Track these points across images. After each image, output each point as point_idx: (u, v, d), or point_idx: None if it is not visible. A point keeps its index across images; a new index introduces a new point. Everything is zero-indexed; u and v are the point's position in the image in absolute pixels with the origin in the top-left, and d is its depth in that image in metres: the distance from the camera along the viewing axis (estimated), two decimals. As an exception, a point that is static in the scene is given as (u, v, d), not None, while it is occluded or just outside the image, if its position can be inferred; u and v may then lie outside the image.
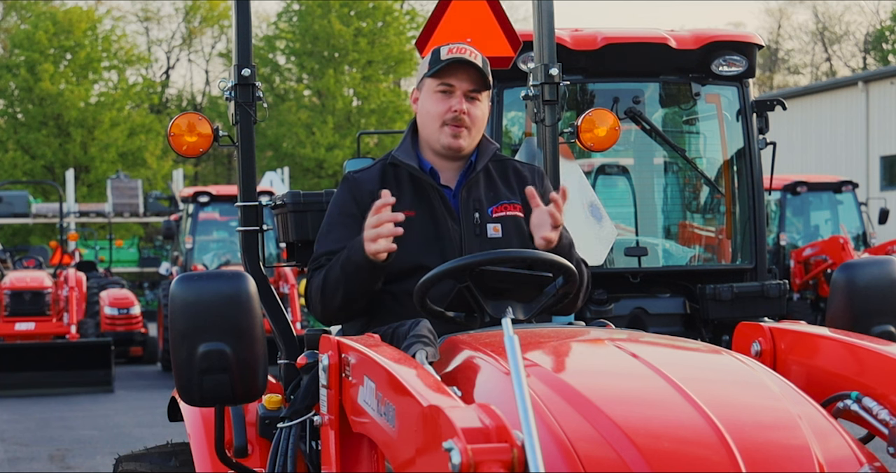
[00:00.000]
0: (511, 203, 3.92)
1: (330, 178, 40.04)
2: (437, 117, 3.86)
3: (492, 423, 2.38)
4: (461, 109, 3.83)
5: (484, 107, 3.91)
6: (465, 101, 3.85)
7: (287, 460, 3.71)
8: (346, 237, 3.81)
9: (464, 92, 3.85)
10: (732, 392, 3.01)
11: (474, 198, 3.90)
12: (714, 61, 8.55)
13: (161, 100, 48.85)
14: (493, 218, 3.89)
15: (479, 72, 3.85)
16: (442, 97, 3.86)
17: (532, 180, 3.99)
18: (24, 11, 44.23)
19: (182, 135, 4.25)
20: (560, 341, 3.40)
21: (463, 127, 3.85)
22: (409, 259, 3.77)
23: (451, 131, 3.85)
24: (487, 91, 3.92)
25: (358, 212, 3.82)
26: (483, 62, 3.89)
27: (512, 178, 3.99)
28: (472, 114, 3.86)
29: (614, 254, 8.54)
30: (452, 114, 3.84)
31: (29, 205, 31.79)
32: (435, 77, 3.86)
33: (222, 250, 18.66)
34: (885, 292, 3.72)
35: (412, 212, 3.82)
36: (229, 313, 3.41)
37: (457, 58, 3.83)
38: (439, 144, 3.88)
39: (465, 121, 3.85)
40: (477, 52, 3.89)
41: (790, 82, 55.99)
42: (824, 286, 17.50)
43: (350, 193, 3.89)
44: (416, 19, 42.46)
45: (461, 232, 3.85)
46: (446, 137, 3.86)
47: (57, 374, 15.19)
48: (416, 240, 3.80)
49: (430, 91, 3.88)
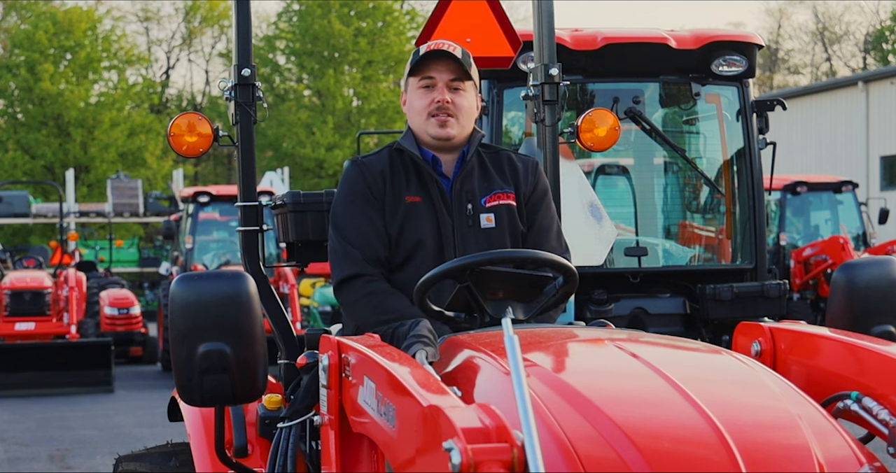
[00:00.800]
0: (504, 191, 3.97)
1: (330, 178, 40.03)
2: (422, 111, 3.92)
3: (492, 423, 2.38)
4: (444, 99, 3.88)
5: (469, 97, 3.94)
6: (447, 91, 3.89)
7: (287, 460, 3.71)
8: (369, 224, 3.85)
9: (445, 82, 3.89)
10: (732, 392, 3.01)
11: (467, 189, 3.95)
12: (714, 61, 8.55)
13: (161, 100, 48.84)
14: (486, 208, 3.93)
15: (458, 62, 3.88)
16: (425, 92, 3.92)
17: (525, 172, 4.03)
18: (24, 11, 44.22)
19: (182, 135, 4.26)
20: (560, 341, 3.40)
21: (449, 115, 3.89)
22: (413, 240, 3.86)
23: (438, 121, 3.90)
24: (471, 81, 3.94)
25: (372, 196, 3.89)
26: (463, 53, 3.91)
27: (506, 168, 4.03)
28: (457, 102, 3.90)
29: (614, 254, 8.53)
30: (436, 105, 3.89)
31: (29, 205, 31.78)
32: (416, 74, 3.92)
33: (222, 250, 18.66)
34: (885, 292, 3.72)
35: (418, 198, 3.90)
36: (229, 313, 3.41)
37: (434, 50, 3.88)
38: (428, 135, 3.93)
39: (450, 108, 3.89)
40: (456, 46, 3.93)
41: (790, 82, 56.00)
42: (824, 286, 17.50)
43: (361, 176, 3.93)
44: (416, 19, 42.46)
45: (453, 223, 3.89)
46: (433, 127, 3.91)
47: (57, 374, 15.18)
48: (420, 223, 3.88)
49: (414, 88, 3.95)
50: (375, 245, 3.86)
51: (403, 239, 3.87)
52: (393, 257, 3.89)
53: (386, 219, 3.89)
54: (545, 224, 4.02)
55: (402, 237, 3.87)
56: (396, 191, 3.91)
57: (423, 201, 3.90)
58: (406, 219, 3.87)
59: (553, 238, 4.01)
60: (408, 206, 3.88)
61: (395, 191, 3.91)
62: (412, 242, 3.86)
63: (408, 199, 3.89)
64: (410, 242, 3.87)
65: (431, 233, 3.87)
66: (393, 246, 3.89)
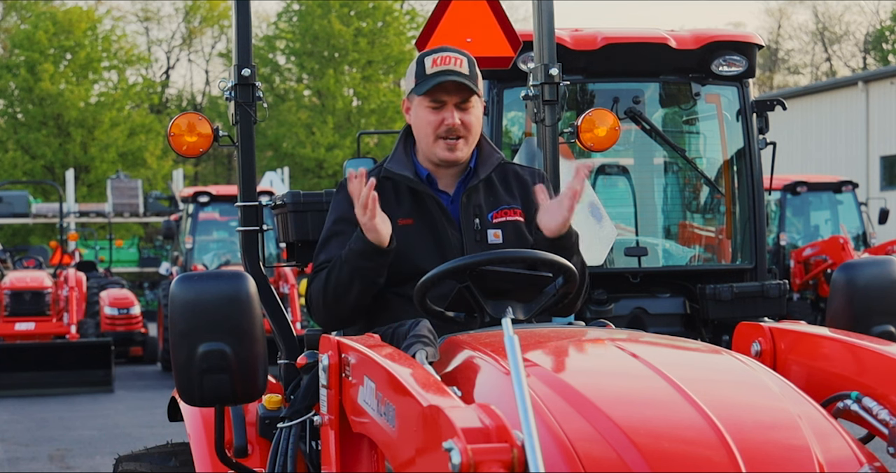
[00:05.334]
0: (511, 208, 3.92)
1: (330, 178, 40.04)
2: (430, 131, 3.84)
3: (492, 423, 2.38)
4: (454, 123, 3.81)
5: (477, 111, 3.88)
6: (457, 112, 3.82)
7: (287, 460, 3.71)
8: (346, 244, 3.79)
9: (455, 103, 3.83)
10: (732, 392, 3.01)
11: (474, 203, 3.89)
12: (714, 61, 8.55)
13: (161, 100, 48.85)
14: (493, 223, 3.89)
15: (468, 80, 3.80)
16: (433, 111, 3.84)
17: (533, 184, 3.96)
18: (24, 11, 44.21)
19: (182, 135, 4.25)
20: (560, 341, 3.40)
21: (459, 138, 3.84)
22: (409, 265, 3.78)
23: (447, 145, 3.84)
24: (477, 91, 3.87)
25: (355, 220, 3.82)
26: (469, 64, 3.84)
27: (512, 183, 3.98)
28: (466, 122, 3.84)
29: (614, 254, 8.54)
30: (446, 128, 3.82)
31: (29, 205, 31.78)
32: (423, 93, 3.83)
33: (222, 250, 18.66)
34: (885, 292, 3.72)
35: (410, 220, 3.84)
36: (229, 313, 3.41)
37: (443, 74, 3.79)
38: (436, 157, 3.87)
39: (460, 131, 3.83)
40: (462, 57, 3.85)
41: (790, 82, 56.00)
42: (824, 286, 17.50)
43: (348, 200, 3.86)
44: (416, 19, 42.46)
45: (462, 238, 3.85)
46: (442, 151, 3.85)
47: (57, 374, 15.19)
48: (416, 247, 3.81)
49: (421, 105, 3.86)
50: None
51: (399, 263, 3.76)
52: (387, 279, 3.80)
53: None
54: None
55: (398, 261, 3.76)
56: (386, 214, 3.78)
57: (416, 223, 3.84)
58: (398, 243, 3.75)
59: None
60: (399, 230, 3.78)
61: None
62: (410, 268, 3.77)
63: (399, 222, 3.81)
64: (408, 267, 3.77)
65: (432, 255, 3.79)
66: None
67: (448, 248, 3.82)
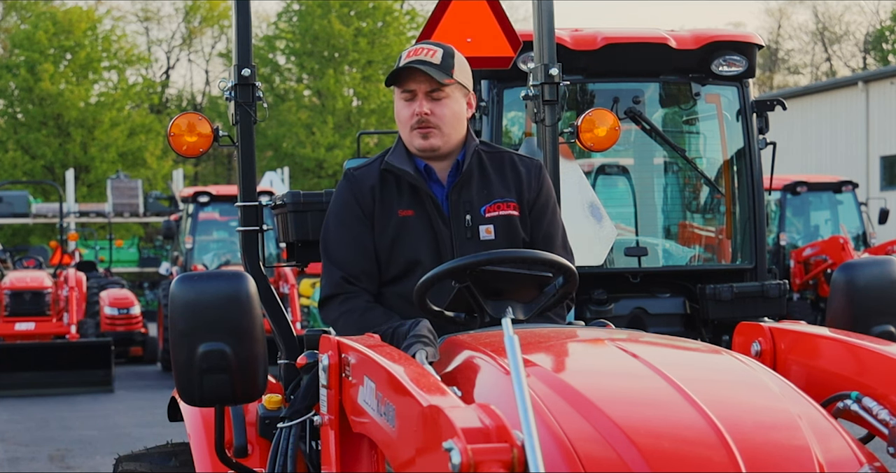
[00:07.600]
0: (505, 201, 3.91)
1: (330, 178, 40.04)
2: (405, 123, 3.88)
3: (492, 423, 2.38)
4: (422, 112, 3.83)
5: (451, 103, 3.86)
6: (427, 102, 3.83)
7: (287, 460, 3.71)
8: (352, 241, 3.84)
9: (424, 93, 3.84)
10: (732, 392, 3.01)
11: (465, 199, 3.89)
12: (714, 61, 8.55)
13: (161, 100, 48.84)
14: (485, 218, 3.88)
15: (435, 70, 3.81)
16: (406, 103, 3.87)
17: (529, 177, 3.96)
18: (24, 11, 44.21)
19: (182, 135, 4.25)
20: (560, 341, 3.40)
21: (430, 127, 3.84)
22: (407, 257, 3.82)
23: (420, 133, 3.85)
24: (454, 85, 3.86)
25: (361, 213, 3.87)
26: (445, 56, 3.84)
27: (508, 173, 3.96)
28: (437, 112, 3.84)
29: (614, 254, 8.53)
30: (416, 118, 3.84)
31: (29, 205, 31.78)
32: (396, 84, 3.87)
33: (222, 250, 18.66)
34: (885, 292, 3.72)
35: (411, 211, 3.86)
36: (229, 313, 3.41)
37: (407, 64, 3.82)
38: (414, 148, 3.89)
39: (431, 121, 3.84)
40: (437, 49, 3.86)
41: (790, 82, 55.99)
42: (824, 286, 17.50)
43: (351, 193, 3.89)
44: (416, 19, 42.45)
45: (451, 235, 3.85)
46: (417, 140, 3.87)
47: (57, 374, 15.19)
48: (415, 238, 3.84)
49: (397, 98, 3.91)
50: (358, 261, 3.84)
51: (396, 253, 3.82)
52: (387, 271, 3.85)
53: (376, 235, 3.85)
54: (551, 231, 3.97)
55: (396, 251, 3.83)
56: (387, 205, 3.86)
57: (417, 214, 3.86)
58: (398, 233, 3.82)
59: (559, 246, 3.96)
60: (400, 220, 3.83)
61: (385, 206, 3.86)
62: (406, 256, 3.82)
63: (400, 213, 3.85)
64: (404, 256, 3.82)
65: (428, 247, 3.82)
66: (385, 260, 3.85)
67: (442, 244, 3.84)
